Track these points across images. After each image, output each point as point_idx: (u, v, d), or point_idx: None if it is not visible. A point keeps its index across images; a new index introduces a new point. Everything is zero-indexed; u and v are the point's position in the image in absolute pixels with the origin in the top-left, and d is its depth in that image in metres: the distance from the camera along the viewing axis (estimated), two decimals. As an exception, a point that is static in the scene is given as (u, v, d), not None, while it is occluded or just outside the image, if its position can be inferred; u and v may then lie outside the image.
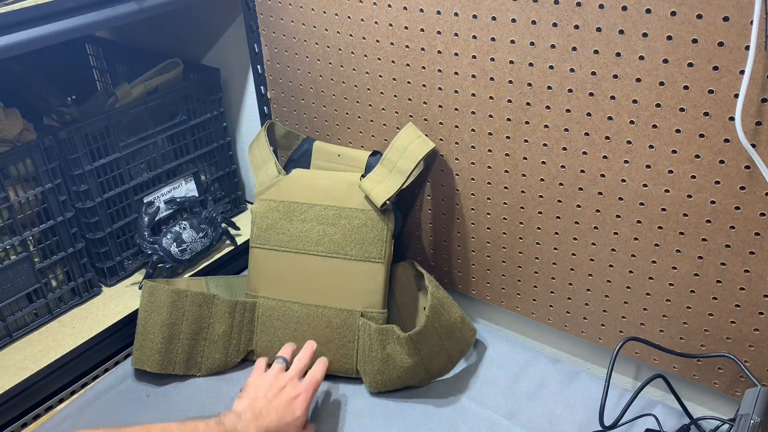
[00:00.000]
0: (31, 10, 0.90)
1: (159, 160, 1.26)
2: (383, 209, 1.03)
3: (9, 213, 1.06)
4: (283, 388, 0.92)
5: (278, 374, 0.95)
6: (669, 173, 0.84)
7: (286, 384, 0.93)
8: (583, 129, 0.89)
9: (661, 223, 0.88)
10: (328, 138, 1.20)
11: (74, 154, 1.11)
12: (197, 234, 1.26)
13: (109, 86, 1.46)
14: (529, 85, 0.90)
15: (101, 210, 1.17)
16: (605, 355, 1.07)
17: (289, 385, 0.92)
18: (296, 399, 0.91)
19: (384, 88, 1.07)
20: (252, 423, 0.85)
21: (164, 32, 1.44)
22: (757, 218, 0.80)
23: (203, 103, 1.30)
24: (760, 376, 0.89)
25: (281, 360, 0.98)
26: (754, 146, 0.76)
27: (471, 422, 0.97)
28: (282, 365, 0.97)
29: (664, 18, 0.76)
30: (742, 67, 0.73)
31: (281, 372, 0.95)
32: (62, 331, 1.13)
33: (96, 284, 1.22)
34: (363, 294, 1.04)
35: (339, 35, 1.08)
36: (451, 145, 1.03)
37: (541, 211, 0.99)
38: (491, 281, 1.11)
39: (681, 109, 0.80)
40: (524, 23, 0.87)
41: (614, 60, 0.82)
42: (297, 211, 1.07)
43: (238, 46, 1.31)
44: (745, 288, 0.85)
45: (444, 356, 1.03)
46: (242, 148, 1.46)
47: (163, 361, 1.04)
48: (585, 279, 0.99)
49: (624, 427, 0.92)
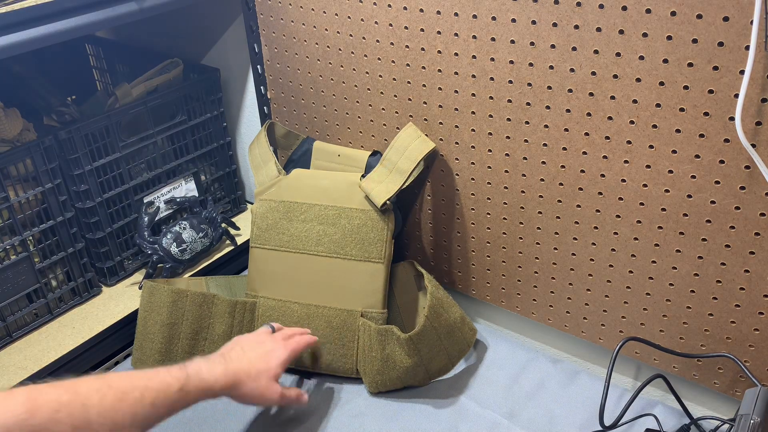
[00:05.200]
0: (31, 10, 0.90)
1: (159, 160, 1.26)
2: (383, 209, 1.03)
3: (9, 213, 1.06)
4: (262, 343, 0.92)
5: (262, 333, 0.96)
6: (669, 173, 0.84)
7: (266, 340, 0.93)
8: (583, 129, 0.89)
9: (661, 223, 0.88)
10: (328, 138, 1.20)
11: (74, 154, 1.11)
12: (197, 234, 1.26)
13: (109, 86, 1.46)
14: (529, 85, 0.90)
15: (101, 210, 1.17)
16: (605, 355, 1.07)
17: (269, 341, 0.93)
18: (273, 352, 0.90)
19: (384, 88, 1.07)
20: (219, 365, 0.84)
21: (164, 32, 1.44)
22: (757, 218, 0.80)
23: (203, 103, 1.29)
24: (760, 376, 0.89)
25: (269, 326, 0.99)
26: (754, 146, 0.76)
27: (471, 422, 0.97)
28: (269, 329, 0.98)
29: (664, 18, 0.76)
30: (742, 67, 0.73)
31: (266, 333, 0.96)
32: (62, 331, 1.12)
33: (96, 284, 1.22)
34: (363, 294, 1.04)
35: (339, 35, 1.08)
36: (451, 145, 1.04)
37: (541, 211, 0.99)
38: (491, 281, 1.11)
39: (681, 109, 0.80)
40: (524, 23, 0.87)
41: (614, 60, 0.82)
42: (297, 211, 1.07)
43: (238, 46, 1.31)
44: (745, 288, 0.85)
45: (444, 356, 1.03)
46: (242, 148, 1.46)
47: (163, 361, 1.04)
48: (585, 279, 0.99)
49: (624, 427, 0.92)
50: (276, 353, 0.90)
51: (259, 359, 0.88)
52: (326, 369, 1.05)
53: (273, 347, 0.91)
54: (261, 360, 0.88)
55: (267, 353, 0.90)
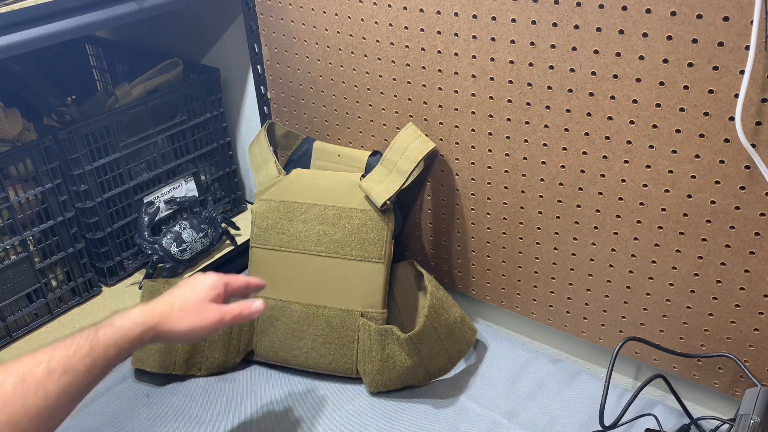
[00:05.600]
0: (31, 10, 0.90)
1: (159, 160, 1.26)
2: (383, 209, 1.03)
3: (9, 213, 1.06)
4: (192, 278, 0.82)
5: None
6: (669, 173, 0.84)
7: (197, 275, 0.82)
8: (583, 129, 0.89)
9: (661, 223, 0.88)
10: (328, 138, 1.20)
11: (74, 154, 1.11)
12: (197, 234, 1.26)
13: (109, 86, 1.46)
14: (529, 85, 0.90)
15: (101, 210, 1.17)
16: (605, 355, 1.07)
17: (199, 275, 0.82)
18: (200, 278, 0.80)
19: (384, 88, 1.07)
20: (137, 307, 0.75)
21: (164, 32, 1.44)
22: (757, 218, 0.80)
23: (203, 103, 1.30)
24: (760, 376, 0.89)
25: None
26: (754, 146, 0.76)
27: (471, 422, 0.97)
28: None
29: (664, 18, 0.76)
30: (742, 67, 0.73)
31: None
32: (62, 331, 1.13)
33: (96, 284, 1.22)
34: (363, 294, 1.04)
35: (339, 35, 1.08)
36: (451, 145, 1.03)
37: (541, 211, 0.99)
38: (491, 281, 1.11)
39: (681, 109, 0.80)
40: (524, 23, 0.87)
41: (614, 60, 0.82)
42: (297, 211, 1.07)
43: (238, 46, 1.31)
44: (745, 288, 0.85)
45: (444, 356, 1.03)
46: (242, 148, 1.46)
47: (163, 361, 1.04)
48: (585, 279, 0.99)
49: (624, 427, 0.92)
50: (205, 278, 0.80)
51: (185, 289, 0.78)
52: (326, 369, 1.05)
53: (203, 276, 0.81)
54: (186, 288, 0.78)
55: (193, 282, 0.79)
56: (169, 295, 0.78)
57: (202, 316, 0.76)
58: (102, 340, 0.68)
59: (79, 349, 0.66)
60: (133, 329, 0.71)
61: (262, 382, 1.06)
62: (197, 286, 0.78)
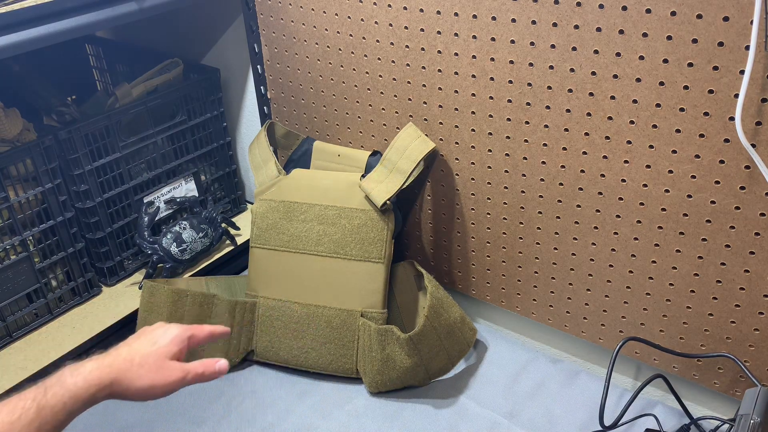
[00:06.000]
0: (31, 10, 0.90)
1: (159, 160, 1.26)
2: (383, 209, 1.03)
3: (9, 213, 1.05)
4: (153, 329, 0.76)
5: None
6: (669, 173, 0.84)
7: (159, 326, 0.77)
8: (583, 129, 0.89)
9: (661, 223, 0.88)
10: (328, 138, 1.20)
11: (74, 154, 1.11)
12: (197, 234, 1.26)
13: (109, 86, 1.46)
14: (529, 85, 0.90)
15: (101, 210, 1.17)
16: (605, 355, 1.07)
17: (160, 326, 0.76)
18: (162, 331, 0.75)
19: (384, 88, 1.07)
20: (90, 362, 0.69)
21: (164, 32, 1.44)
22: (757, 218, 0.80)
23: (203, 103, 1.29)
24: (760, 376, 0.89)
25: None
26: (754, 146, 0.76)
27: (471, 422, 0.97)
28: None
29: (664, 18, 0.76)
30: (742, 67, 0.73)
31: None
32: (62, 331, 1.12)
33: (96, 284, 1.22)
34: (363, 294, 1.04)
35: (339, 35, 1.08)
36: (451, 145, 1.03)
37: (541, 211, 0.99)
38: (491, 281, 1.11)
39: (681, 109, 0.80)
40: (524, 23, 0.87)
41: (614, 60, 0.82)
42: (297, 211, 1.07)
43: (238, 46, 1.31)
44: (745, 288, 0.85)
45: (444, 356, 1.03)
46: (242, 148, 1.46)
47: (163, 361, 1.04)
48: (585, 279, 0.99)
49: (624, 427, 0.92)
50: (167, 331, 0.74)
51: (145, 341, 0.73)
52: (326, 369, 1.05)
53: (164, 328, 0.75)
54: (146, 342, 0.73)
55: (154, 334, 0.74)
56: (128, 348, 0.72)
57: (162, 374, 0.70)
58: (51, 402, 0.64)
59: (24, 414, 0.62)
60: (85, 390, 0.66)
61: (262, 382, 1.06)
62: (159, 340, 0.73)
